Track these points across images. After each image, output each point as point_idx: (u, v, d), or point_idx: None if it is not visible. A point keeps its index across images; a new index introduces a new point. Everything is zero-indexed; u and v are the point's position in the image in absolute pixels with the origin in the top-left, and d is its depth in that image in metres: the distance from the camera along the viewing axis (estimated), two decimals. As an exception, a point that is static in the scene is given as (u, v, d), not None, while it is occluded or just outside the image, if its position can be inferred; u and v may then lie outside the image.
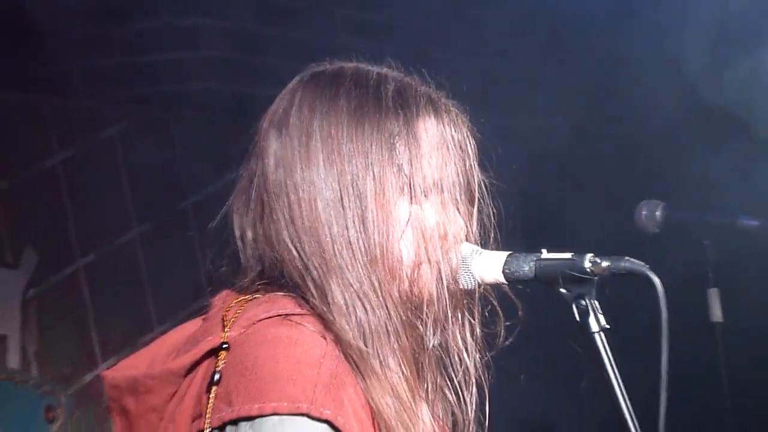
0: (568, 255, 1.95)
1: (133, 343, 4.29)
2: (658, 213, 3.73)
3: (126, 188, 4.45)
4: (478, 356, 1.99)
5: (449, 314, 1.96)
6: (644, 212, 3.76)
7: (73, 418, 4.15)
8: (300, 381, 1.77)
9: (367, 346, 1.87)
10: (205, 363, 1.87)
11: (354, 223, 1.90)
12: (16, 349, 4.02)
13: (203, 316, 2.00)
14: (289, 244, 1.91)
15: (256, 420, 1.76)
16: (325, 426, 1.76)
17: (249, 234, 1.96)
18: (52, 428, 4.07)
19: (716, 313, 3.61)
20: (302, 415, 1.75)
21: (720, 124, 4.61)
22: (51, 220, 4.20)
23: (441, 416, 2.00)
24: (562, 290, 1.94)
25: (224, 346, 1.85)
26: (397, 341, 1.89)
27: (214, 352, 1.86)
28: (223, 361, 1.83)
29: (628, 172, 4.96)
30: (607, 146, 5.03)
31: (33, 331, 4.07)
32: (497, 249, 2.01)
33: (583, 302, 1.93)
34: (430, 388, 1.97)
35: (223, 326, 1.88)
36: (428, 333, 1.94)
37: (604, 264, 1.93)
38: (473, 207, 2.00)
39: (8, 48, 4.45)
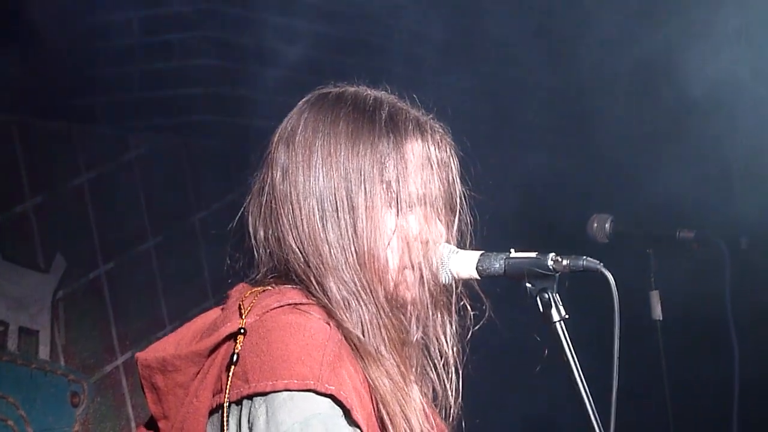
0: (533, 254, 1.97)
1: (147, 338, 4.28)
2: (607, 225, 3.74)
3: (142, 204, 4.45)
4: (455, 345, 2.00)
5: (430, 312, 1.97)
6: (595, 224, 3.75)
7: (95, 403, 4.13)
8: (307, 361, 1.79)
9: (363, 335, 1.88)
10: (225, 346, 1.88)
11: (347, 231, 1.92)
12: (47, 342, 4.01)
13: (221, 306, 2.01)
14: (293, 245, 1.93)
15: (269, 395, 1.78)
16: (329, 400, 1.78)
17: (261, 233, 1.98)
18: (76, 411, 4.06)
19: (657, 312, 3.68)
20: (310, 390, 1.77)
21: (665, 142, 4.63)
22: (78, 231, 4.20)
23: (426, 393, 2.01)
24: (528, 285, 1.96)
25: (242, 331, 1.86)
26: (387, 333, 1.91)
27: (232, 336, 1.87)
28: (240, 344, 1.84)
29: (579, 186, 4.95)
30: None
31: (61, 327, 4.06)
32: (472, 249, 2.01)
33: (546, 295, 1.94)
34: (417, 370, 1.99)
35: (241, 314, 1.89)
36: (412, 328, 1.96)
37: (565, 262, 1.95)
38: (454, 216, 2.01)
39: (44, 83, 4.47)
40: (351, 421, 1.80)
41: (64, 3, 4.55)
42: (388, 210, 1.94)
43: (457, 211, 2.01)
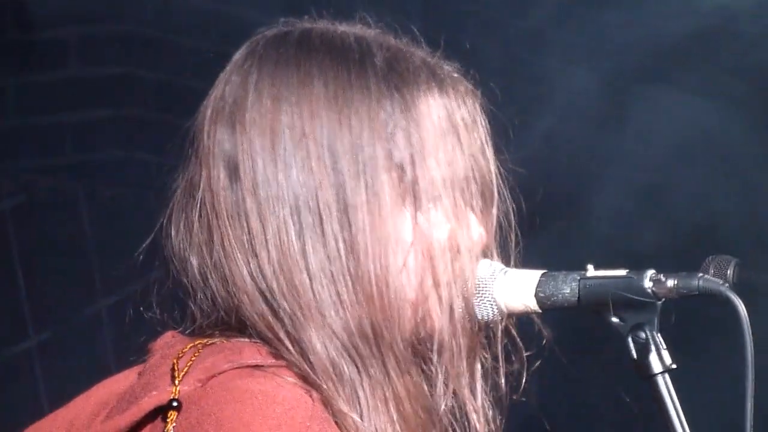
0: (622, 272, 1.94)
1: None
2: (729, 271, 3.82)
3: (21, 283, 4.60)
4: (490, 408, 1.98)
5: (464, 362, 1.94)
6: (711, 270, 3.84)
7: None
8: None
9: (362, 419, 1.85)
10: (147, 428, 1.84)
11: (339, 252, 1.87)
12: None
13: (139, 368, 1.96)
14: (249, 283, 1.89)
15: None
16: None
17: (194, 266, 1.93)
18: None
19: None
20: None
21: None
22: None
23: None
24: (614, 319, 1.94)
25: (174, 404, 1.81)
26: (399, 408, 1.88)
27: (160, 412, 1.83)
28: (173, 425, 1.81)
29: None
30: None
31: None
32: (520, 259, 2.01)
33: (643, 334, 1.93)
34: None
35: (173, 378, 1.85)
36: (438, 391, 1.93)
37: (670, 282, 1.94)
38: (492, 205, 1.98)
39: None
40: None
41: None
42: (401, 209, 1.90)
43: (494, 197, 1.98)
